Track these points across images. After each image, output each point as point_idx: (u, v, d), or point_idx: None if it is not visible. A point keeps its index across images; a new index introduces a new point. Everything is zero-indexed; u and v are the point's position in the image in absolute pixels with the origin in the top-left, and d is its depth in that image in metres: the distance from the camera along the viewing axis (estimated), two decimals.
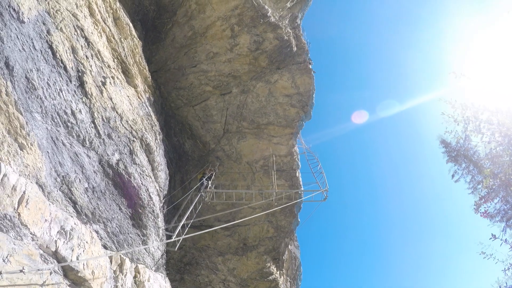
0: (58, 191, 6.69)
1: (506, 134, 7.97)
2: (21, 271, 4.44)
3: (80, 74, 7.84)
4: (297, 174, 18.75)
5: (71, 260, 6.28)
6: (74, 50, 7.72)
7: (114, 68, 9.84)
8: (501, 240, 9.28)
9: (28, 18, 6.20)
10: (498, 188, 11.64)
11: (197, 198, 14.96)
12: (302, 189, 17.60)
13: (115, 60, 10.14)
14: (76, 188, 7.20)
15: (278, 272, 20.45)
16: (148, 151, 10.95)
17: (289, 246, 21.53)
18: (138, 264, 9.44)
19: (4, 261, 4.73)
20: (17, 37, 5.85)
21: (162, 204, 11.97)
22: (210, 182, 16.32)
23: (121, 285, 8.16)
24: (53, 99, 6.73)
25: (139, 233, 9.92)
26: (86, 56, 8.23)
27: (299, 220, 19.38)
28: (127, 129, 9.72)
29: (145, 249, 10.22)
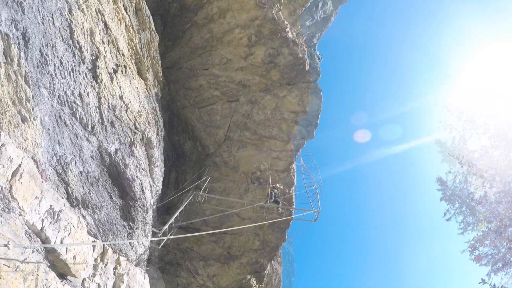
0: (52, 170, 6.62)
1: (506, 181, 7.97)
2: (5, 245, 4.35)
3: (94, 58, 7.83)
4: (291, 191, 18.67)
5: (54, 242, 6.18)
6: (92, 33, 7.71)
7: (127, 58, 9.84)
8: (489, 285, 9.24)
9: None
10: (488, 233, 11.62)
11: (188, 199, 14.86)
12: (294, 206, 17.51)
13: (130, 50, 10.14)
14: (71, 170, 7.13)
15: (257, 286, 20.24)
16: (148, 145, 10.89)
17: (272, 261, 21.34)
18: (120, 256, 9.32)
19: None
20: (39, 10, 5.84)
21: (153, 200, 11.88)
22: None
23: (100, 274, 8.03)
24: (63, 78, 6.70)
25: (126, 225, 9.81)
26: (103, 41, 8.23)
27: (286, 237, 19.24)
28: (130, 120, 9.68)
29: (129, 242, 10.11)
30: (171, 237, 11.41)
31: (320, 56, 18.29)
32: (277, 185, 17.12)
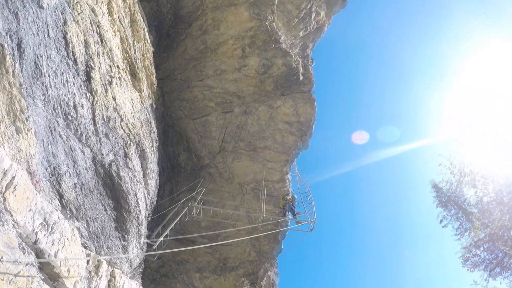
0: (47, 181, 6.56)
1: (499, 190, 8.05)
2: None
3: (88, 69, 7.82)
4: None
5: (49, 255, 6.10)
6: (87, 45, 7.71)
7: (122, 69, 9.83)
8: (482, 287, 9.28)
9: (48, 5, 6.20)
10: (484, 238, 11.58)
11: (184, 211, 14.76)
12: (290, 217, 17.47)
13: (125, 61, 10.14)
14: (65, 181, 7.07)
15: None
16: (142, 157, 10.84)
17: (269, 272, 21.20)
18: (115, 269, 9.21)
19: None
20: (34, 21, 5.83)
21: (148, 212, 11.79)
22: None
23: (95, 287, 7.94)
24: (58, 89, 6.68)
25: (120, 237, 9.73)
26: (98, 53, 8.22)
27: (282, 247, 19.15)
28: (125, 132, 9.64)
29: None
30: (165, 251, 11.30)
31: (312, 59, 18.38)
32: (289, 197, 17.24)
